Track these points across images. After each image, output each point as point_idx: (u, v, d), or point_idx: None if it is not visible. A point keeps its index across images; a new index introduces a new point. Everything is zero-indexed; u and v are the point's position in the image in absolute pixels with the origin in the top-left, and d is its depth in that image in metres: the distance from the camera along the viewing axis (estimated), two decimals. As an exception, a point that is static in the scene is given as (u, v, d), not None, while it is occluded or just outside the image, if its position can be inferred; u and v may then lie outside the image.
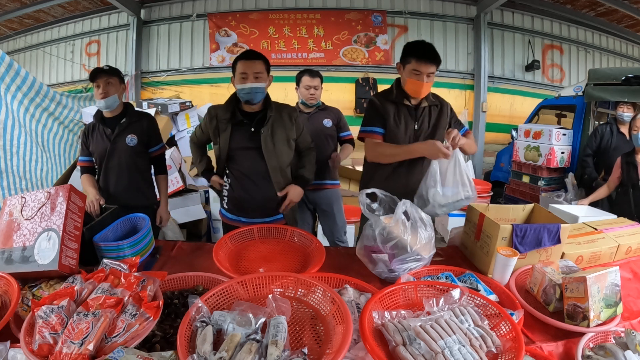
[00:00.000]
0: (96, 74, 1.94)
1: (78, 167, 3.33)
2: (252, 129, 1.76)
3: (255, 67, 1.68)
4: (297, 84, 2.53)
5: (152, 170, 2.22)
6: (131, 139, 2.03)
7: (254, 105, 1.77)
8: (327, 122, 2.54)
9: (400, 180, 1.78)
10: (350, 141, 2.64)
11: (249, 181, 1.81)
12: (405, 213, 1.35)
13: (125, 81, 2.31)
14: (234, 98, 1.80)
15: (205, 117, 1.86)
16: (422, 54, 1.63)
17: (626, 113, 3.27)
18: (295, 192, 1.83)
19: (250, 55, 1.71)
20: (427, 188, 1.60)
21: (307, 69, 2.56)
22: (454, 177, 1.60)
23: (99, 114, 2.08)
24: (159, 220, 2.16)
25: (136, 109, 2.22)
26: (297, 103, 2.55)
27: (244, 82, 1.68)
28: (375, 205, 1.46)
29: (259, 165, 1.78)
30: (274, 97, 1.86)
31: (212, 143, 1.90)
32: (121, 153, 2.03)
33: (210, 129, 1.82)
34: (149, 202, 2.17)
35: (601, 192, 2.80)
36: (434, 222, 1.52)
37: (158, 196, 2.25)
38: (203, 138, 1.94)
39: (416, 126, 1.76)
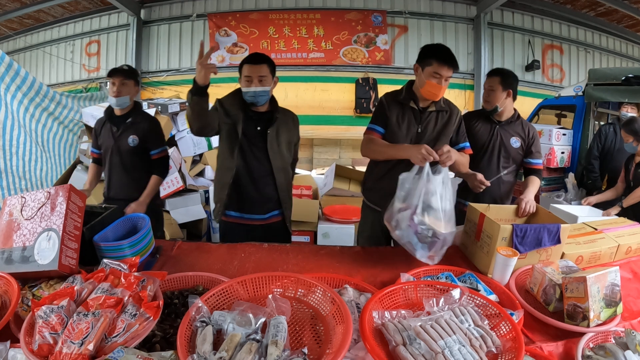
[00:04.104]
0: (113, 72, 2.03)
1: (78, 167, 3.34)
2: (258, 128, 1.79)
3: (260, 70, 1.70)
4: None
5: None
6: (133, 140, 2.11)
7: (260, 107, 1.79)
8: (515, 142, 2.00)
9: (394, 180, 1.72)
10: (538, 172, 2.04)
11: (252, 179, 1.83)
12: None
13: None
14: (239, 91, 1.79)
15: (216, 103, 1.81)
16: (444, 57, 1.60)
17: (630, 113, 3.24)
18: None
19: (255, 59, 1.73)
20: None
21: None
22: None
23: (109, 110, 2.17)
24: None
25: (144, 109, 2.30)
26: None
27: (249, 85, 1.70)
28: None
29: (263, 164, 1.81)
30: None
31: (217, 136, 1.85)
32: (122, 152, 2.12)
33: (227, 106, 1.77)
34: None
35: (608, 194, 2.74)
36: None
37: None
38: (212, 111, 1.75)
39: (419, 129, 1.74)
